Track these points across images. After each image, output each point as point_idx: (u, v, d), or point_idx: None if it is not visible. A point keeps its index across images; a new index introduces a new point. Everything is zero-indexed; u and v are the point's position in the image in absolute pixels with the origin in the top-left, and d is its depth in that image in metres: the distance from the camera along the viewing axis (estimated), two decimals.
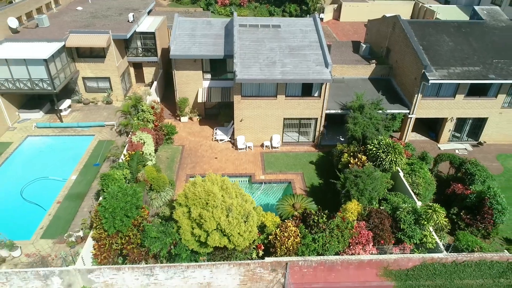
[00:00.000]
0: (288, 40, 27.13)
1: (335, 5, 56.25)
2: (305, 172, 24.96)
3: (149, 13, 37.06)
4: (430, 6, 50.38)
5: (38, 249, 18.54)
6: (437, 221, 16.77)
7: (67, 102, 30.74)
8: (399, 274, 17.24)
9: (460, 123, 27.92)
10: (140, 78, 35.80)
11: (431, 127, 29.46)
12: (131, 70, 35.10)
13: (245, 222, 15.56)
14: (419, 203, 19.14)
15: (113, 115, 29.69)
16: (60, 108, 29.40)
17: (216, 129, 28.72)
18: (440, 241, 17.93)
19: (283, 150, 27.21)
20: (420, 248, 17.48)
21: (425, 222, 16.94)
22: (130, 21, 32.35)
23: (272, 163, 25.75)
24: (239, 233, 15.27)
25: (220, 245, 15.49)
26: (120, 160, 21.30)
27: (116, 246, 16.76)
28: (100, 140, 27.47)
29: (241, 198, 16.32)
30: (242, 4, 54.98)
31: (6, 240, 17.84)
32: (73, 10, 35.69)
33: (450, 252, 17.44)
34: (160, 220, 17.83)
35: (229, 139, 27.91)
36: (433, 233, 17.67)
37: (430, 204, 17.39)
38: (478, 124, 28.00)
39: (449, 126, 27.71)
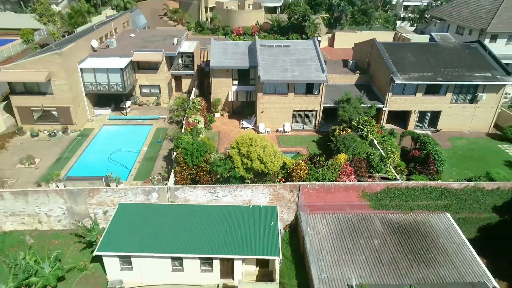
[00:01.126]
0: (295, 55, 37.74)
1: (330, 35, 67.93)
2: (309, 146, 34.76)
3: None
4: (407, 36, 62.03)
5: (135, 183, 28.04)
6: (394, 159, 26.43)
7: (128, 102, 40.90)
8: (372, 196, 26.56)
9: (422, 115, 38.06)
10: (178, 87, 46.14)
11: (402, 119, 39.52)
12: (172, 81, 45.51)
13: (274, 156, 25.23)
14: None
15: (163, 112, 39.76)
16: (123, 106, 39.51)
17: (242, 121, 38.72)
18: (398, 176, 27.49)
19: (292, 134, 37.11)
20: (386, 180, 26.99)
21: (387, 160, 26.61)
22: (175, 43, 43.09)
23: (285, 141, 35.60)
24: (271, 162, 24.91)
25: (259, 169, 25.06)
26: (183, 131, 31.12)
27: (190, 176, 26.26)
28: (157, 127, 37.38)
29: (270, 144, 26.03)
30: (253, 33, 66.59)
31: (116, 175, 27.30)
32: (128, 37, 46.61)
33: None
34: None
35: (252, 127, 37.84)
36: (393, 170, 27.29)
37: (389, 148, 27.14)
38: (435, 116, 38.12)
39: (413, 117, 37.81)
